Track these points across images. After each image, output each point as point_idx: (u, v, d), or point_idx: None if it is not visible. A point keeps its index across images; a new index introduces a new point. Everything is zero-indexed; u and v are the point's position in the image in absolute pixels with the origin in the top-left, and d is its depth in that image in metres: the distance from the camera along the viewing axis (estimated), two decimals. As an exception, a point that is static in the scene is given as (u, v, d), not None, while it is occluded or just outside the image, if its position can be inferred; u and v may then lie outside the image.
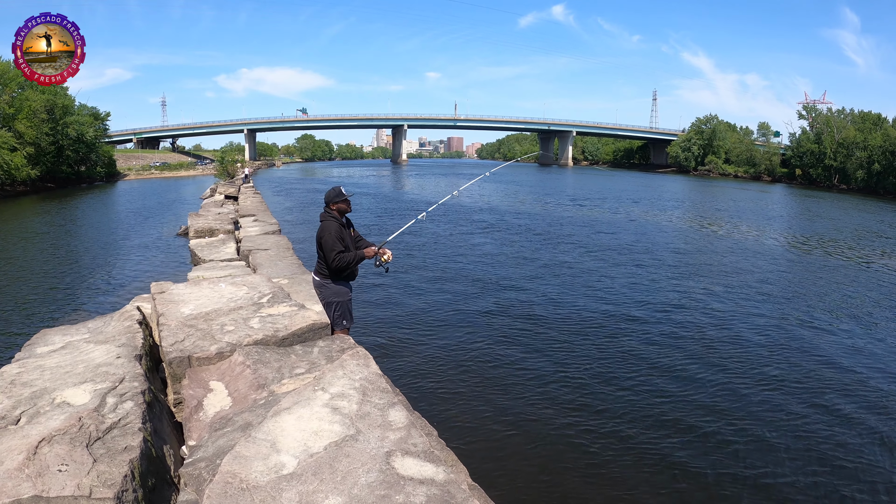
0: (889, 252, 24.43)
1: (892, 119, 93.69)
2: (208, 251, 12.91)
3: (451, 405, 8.03)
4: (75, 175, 69.24)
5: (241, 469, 3.13)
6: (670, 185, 75.65)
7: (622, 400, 8.45)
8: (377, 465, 3.20)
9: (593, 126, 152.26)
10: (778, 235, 28.66)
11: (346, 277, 6.43)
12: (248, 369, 4.53)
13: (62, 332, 5.44)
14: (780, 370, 9.82)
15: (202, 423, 4.04)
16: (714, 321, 12.44)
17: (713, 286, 15.78)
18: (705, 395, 8.68)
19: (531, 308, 12.92)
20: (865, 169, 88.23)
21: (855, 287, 16.88)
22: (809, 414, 8.22)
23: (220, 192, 35.35)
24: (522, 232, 25.73)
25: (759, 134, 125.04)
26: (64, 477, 3.01)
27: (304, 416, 3.70)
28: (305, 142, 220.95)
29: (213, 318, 5.59)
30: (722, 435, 7.50)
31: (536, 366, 9.58)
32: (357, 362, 4.57)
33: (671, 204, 44.98)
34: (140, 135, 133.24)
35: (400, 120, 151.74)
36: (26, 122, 54.66)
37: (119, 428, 3.55)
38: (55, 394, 3.91)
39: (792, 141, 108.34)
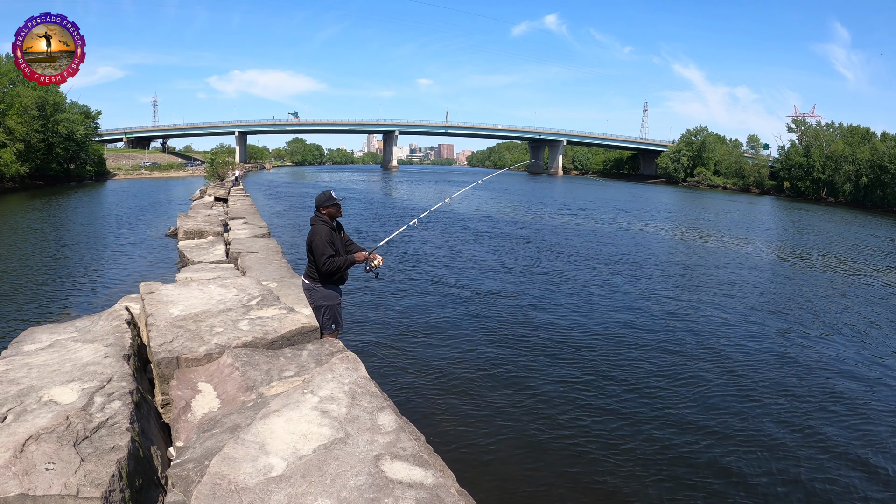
0: (880, 265, 24.62)
1: (880, 133, 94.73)
2: (197, 253, 12.89)
3: (439, 410, 8.03)
4: (65, 173, 68.82)
5: (229, 470, 3.13)
6: (660, 196, 76.01)
7: (610, 406, 8.47)
8: (366, 469, 3.21)
9: (584, 136, 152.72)
10: (767, 247, 28.84)
11: (336, 281, 6.42)
12: (237, 371, 4.52)
13: (50, 331, 5.41)
14: (763, 379, 9.89)
15: (190, 424, 4.03)
16: (701, 331, 12.50)
17: (701, 296, 15.86)
18: (690, 402, 8.71)
19: (520, 316, 12.94)
20: (853, 182, 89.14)
21: (850, 300, 17.00)
22: (789, 428, 8.28)
23: (209, 193, 35.28)
24: (512, 240, 25.78)
25: (749, 146, 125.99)
26: (51, 475, 3.00)
27: (293, 419, 3.70)
28: (296, 145, 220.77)
29: (202, 319, 5.58)
30: (707, 442, 7.54)
31: (524, 373, 9.59)
32: (346, 366, 4.58)
33: (661, 215, 45.20)
34: (131, 134, 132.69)
35: (391, 126, 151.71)
36: (17, 119, 54.24)
37: (107, 427, 3.54)
38: (42, 392, 3.89)
39: (781, 154, 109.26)
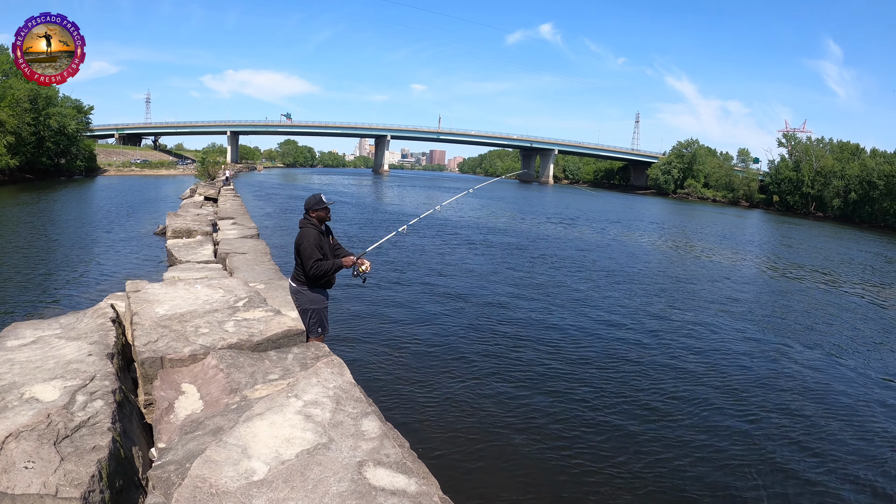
0: (872, 280, 24.80)
1: (869, 150, 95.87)
2: (185, 252, 12.82)
3: (423, 417, 8.02)
4: (55, 167, 68.46)
5: (210, 474, 3.11)
6: (650, 207, 76.38)
7: (597, 418, 8.48)
8: (349, 475, 3.19)
9: (575, 145, 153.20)
10: (758, 261, 29.01)
11: (323, 285, 6.40)
12: (222, 373, 4.50)
13: (34, 327, 5.37)
14: (753, 389, 9.95)
15: (173, 425, 4.00)
16: (689, 343, 12.54)
17: (690, 307, 15.92)
18: (678, 414, 8.74)
19: (508, 325, 12.95)
20: (842, 198, 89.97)
21: (843, 317, 17.10)
22: (782, 441, 8.31)
23: (199, 192, 35.16)
24: (501, 248, 25.81)
25: (739, 160, 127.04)
26: (30, 474, 2.97)
27: (276, 423, 3.69)
28: (288, 147, 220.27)
29: (187, 319, 5.55)
30: (697, 456, 7.56)
31: (511, 383, 9.59)
32: (331, 370, 4.56)
33: (652, 226, 45.39)
34: (122, 131, 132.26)
35: (383, 130, 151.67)
36: (8, 111, 53.98)
37: (88, 427, 3.51)
38: (24, 389, 3.86)
39: (771, 168, 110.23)
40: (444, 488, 4.09)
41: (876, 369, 12.20)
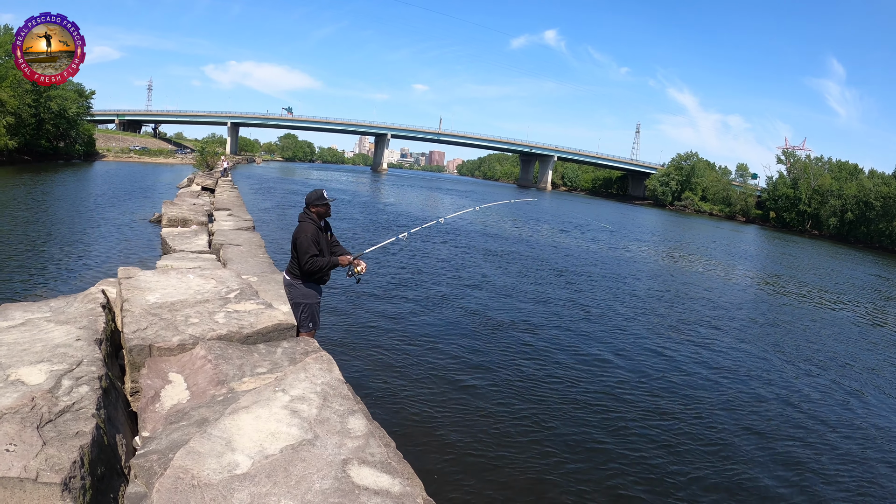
0: (869, 300, 24.89)
1: (868, 170, 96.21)
2: (180, 241, 12.78)
3: (411, 418, 7.99)
4: (53, 150, 68.10)
5: (193, 465, 3.09)
6: (648, 218, 76.57)
7: (584, 418, 8.47)
8: (333, 473, 3.17)
9: (575, 153, 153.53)
10: (754, 277, 29.09)
11: (317, 280, 6.38)
12: (210, 364, 4.47)
13: (23, 308, 5.32)
14: (741, 404, 9.94)
15: (158, 414, 3.97)
16: (681, 357, 12.55)
17: (685, 321, 15.94)
18: (666, 417, 8.74)
19: (501, 330, 12.94)
20: (838, 217, 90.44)
21: (841, 337, 17.15)
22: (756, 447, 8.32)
23: (197, 182, 35.04)
24: (498, 255, 25.81)
25: (737, 174, 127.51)
26: (11, 457, 2.94)
27: (262, 417, 3.67)
28: (288, 141, 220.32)
29: (178, 308, 5.52)
30: (693, 465, 7.55)
31: (500, 387, 9.57)
32: (320, 366, 4.54)
33: (650, 237, 45.52)
34: (123, 117, 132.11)
35: (384, 129, 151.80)
36: (9, 91, 53.69)
37: (72, 412, 3.48)
38: (10, 371, 3.83)
39: (769, 184, 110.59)
40: (428, 490, 4.08)
41: (868, 386, 12.24)
